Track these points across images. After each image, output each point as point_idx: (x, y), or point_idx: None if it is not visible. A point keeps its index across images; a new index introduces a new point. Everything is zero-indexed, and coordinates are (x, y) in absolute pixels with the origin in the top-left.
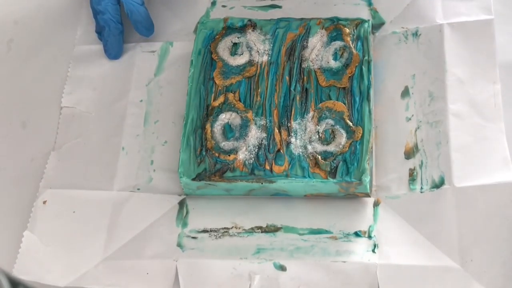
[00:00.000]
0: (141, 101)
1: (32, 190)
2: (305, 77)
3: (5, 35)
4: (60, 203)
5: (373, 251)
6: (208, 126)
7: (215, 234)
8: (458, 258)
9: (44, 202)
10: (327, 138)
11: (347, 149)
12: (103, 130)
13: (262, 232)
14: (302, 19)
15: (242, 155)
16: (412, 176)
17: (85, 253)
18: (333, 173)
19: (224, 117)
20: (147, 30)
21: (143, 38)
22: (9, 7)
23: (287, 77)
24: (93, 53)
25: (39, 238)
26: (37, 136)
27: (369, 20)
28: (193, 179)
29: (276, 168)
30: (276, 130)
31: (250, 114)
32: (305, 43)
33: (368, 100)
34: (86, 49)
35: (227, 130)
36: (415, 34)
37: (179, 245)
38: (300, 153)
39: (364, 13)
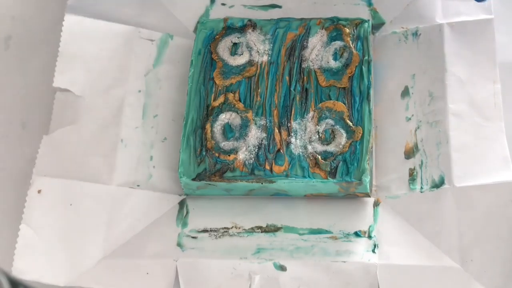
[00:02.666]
0: (139, 91)
1: None
2: (305, 77)
3: (2, 32)
4: (56, 194)
5: (373, 251)
6: (208, 126)
7: (215, 234)
8: (458, 258)
9: (39, 192)
10: (327, 138)
11: (347, 149)
12: (99, 118)
13: (262, 232)
14: (302, 19)
15: (242, 155)
16: (412, 176)
17: (84, 251)
18: (333, 173)
19: (224, 117)
20: None
21: (143, 24)
22: (5, 2)
23: (287, 77)
24: (86, 27)
25: (35, 232)
26: (37, 136)
27: (369, 20)
28: (193, 179)
29: (276, 168)
30: (276, 130)
31: (250, 114)
32: (305, 43)
33: (368, 100)
34: (78, 20)
35: (227, 130)
36: (415, 34)
37: (179, 245)
38: (300, 153)
39: (364, 13)
